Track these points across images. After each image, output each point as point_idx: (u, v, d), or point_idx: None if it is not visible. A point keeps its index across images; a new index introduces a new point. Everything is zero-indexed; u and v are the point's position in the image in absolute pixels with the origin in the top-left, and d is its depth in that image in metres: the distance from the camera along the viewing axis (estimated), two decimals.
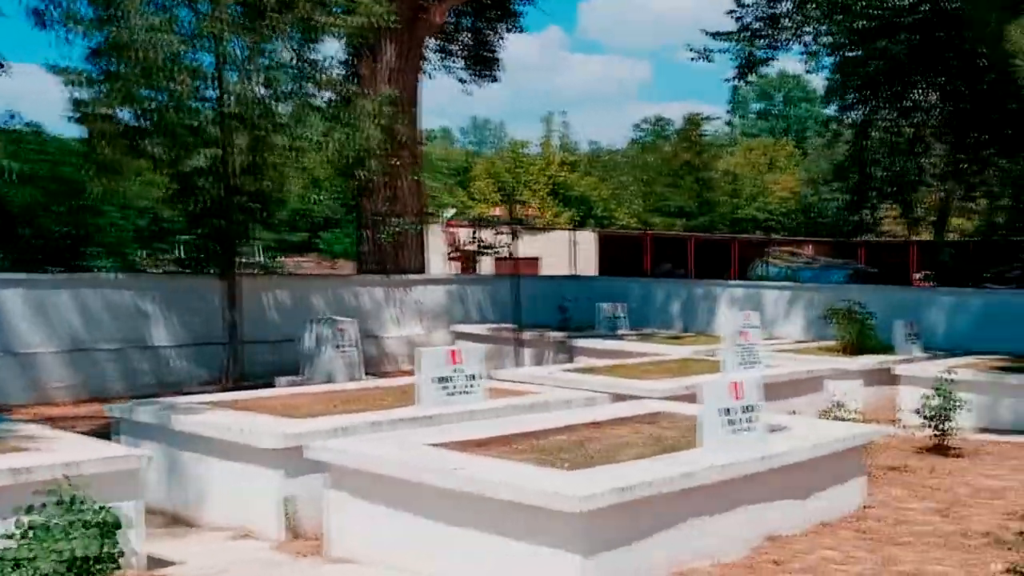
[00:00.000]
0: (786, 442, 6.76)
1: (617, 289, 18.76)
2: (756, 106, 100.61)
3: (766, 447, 6.45)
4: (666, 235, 44.42)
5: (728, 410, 6.38)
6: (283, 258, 29.07)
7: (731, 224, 49.39)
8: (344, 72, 12.28)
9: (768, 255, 28.29)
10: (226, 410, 7.69)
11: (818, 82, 59.20)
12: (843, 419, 9.16)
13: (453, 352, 7.99)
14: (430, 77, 23.03)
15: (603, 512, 5.12)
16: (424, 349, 8.02)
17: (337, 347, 12.45)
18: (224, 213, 12.64)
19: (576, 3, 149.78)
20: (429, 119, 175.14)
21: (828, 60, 20.78)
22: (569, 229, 29.31)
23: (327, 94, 12.97)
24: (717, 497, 5.99)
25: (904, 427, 11.20)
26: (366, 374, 12.80)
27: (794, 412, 9.46)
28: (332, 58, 12.52)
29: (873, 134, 20.74)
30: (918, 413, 10.16)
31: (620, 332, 15.83)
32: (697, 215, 46.38)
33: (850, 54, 20.64)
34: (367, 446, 6.39)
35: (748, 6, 19.71)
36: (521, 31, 21.29)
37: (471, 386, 7.99)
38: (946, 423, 10.02)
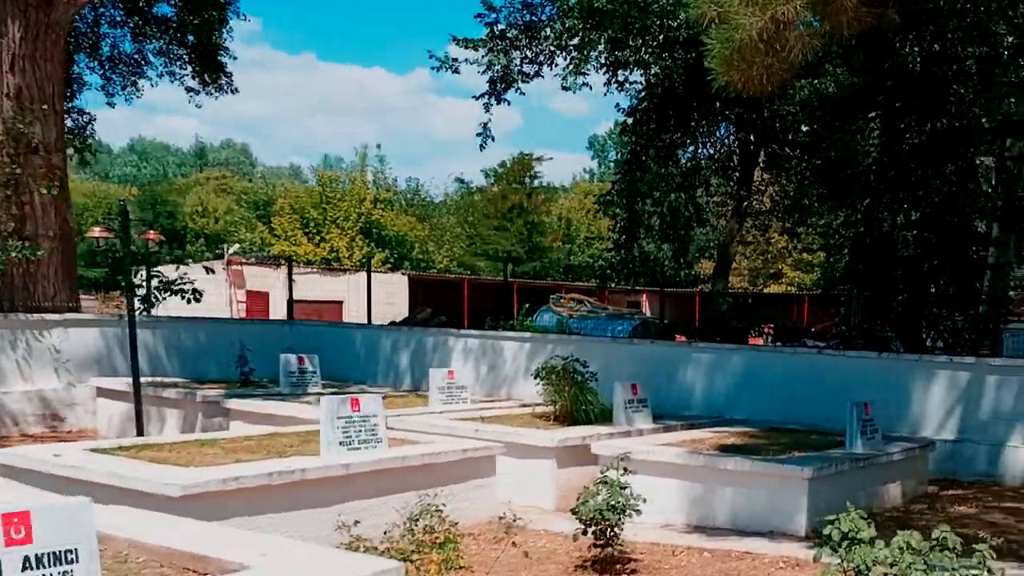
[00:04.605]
0: None
1: (338, 338, 15.74)
2: (614, 154, 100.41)
3: None
4: (487, 281, 41.89)
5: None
6: None
7: (564, 271, 47.26)
8: None
9: (551, 302, 25.74)
10: None
11: None
12: (432, 530, 6.23)
13: None
14: (153, 84, 19.83)
15: None
16: None
17: None
18: None
19: (444, 45, 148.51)
20: (277, 156, 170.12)
21: (602, 81, 18.21)
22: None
23: None
24: None
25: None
26: None
27: (393, 515, 6.50)
28: None
29: (649, 165, 18.21)
30: (574, 513, 7.35)
31: (310, 389, 12.75)
32: (526, 260, 43.83)
33: (623, 74, 18.13)
34: None
35: (498, 10, 16.93)
36: (225, 23, 18.20)
37: None
38: (612, 528, 7.27)
